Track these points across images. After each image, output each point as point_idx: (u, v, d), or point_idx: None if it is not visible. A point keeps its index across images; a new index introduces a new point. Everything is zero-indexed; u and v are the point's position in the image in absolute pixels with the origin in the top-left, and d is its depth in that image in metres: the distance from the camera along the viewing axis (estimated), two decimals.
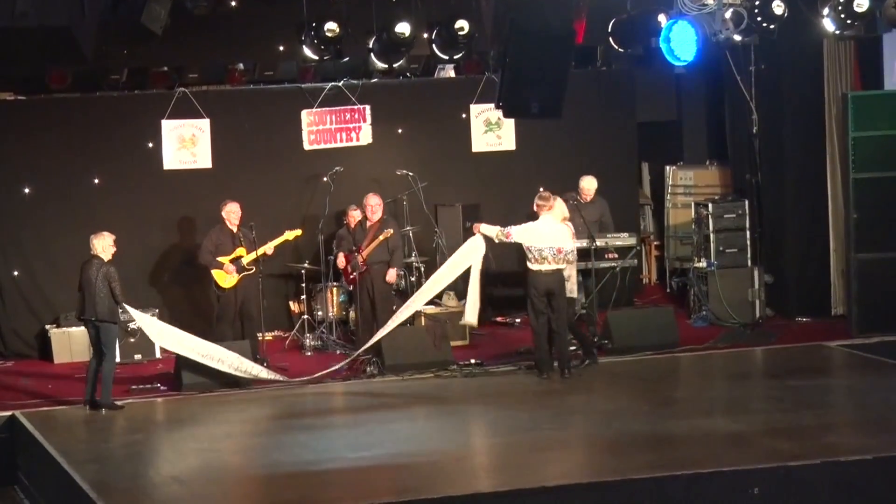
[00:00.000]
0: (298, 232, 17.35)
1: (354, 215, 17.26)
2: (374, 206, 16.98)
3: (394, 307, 17.17)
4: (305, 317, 17.64)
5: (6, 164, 17.55)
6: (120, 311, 14.91)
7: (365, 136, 18.55)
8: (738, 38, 15.51)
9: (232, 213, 16.69)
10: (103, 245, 14.81)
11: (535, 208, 15.64)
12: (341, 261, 17.07)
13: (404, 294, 17.60)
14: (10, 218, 17.36)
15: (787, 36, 16.12)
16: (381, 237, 16.78)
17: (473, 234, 15.84)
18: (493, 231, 15.65)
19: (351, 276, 17.01)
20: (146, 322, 15.41)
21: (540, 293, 15.38)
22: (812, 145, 18.29)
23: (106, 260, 14.75)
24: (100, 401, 14.72)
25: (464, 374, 15.81)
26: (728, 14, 15.10)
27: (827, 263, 18.36)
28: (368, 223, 16.96)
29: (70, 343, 16.85)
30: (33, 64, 16.16)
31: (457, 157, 18.97)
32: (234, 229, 16.68)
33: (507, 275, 18.93)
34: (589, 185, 17.65)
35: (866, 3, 15.72)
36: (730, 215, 18.54)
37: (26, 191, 17.60)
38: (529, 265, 15.47)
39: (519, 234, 15.56)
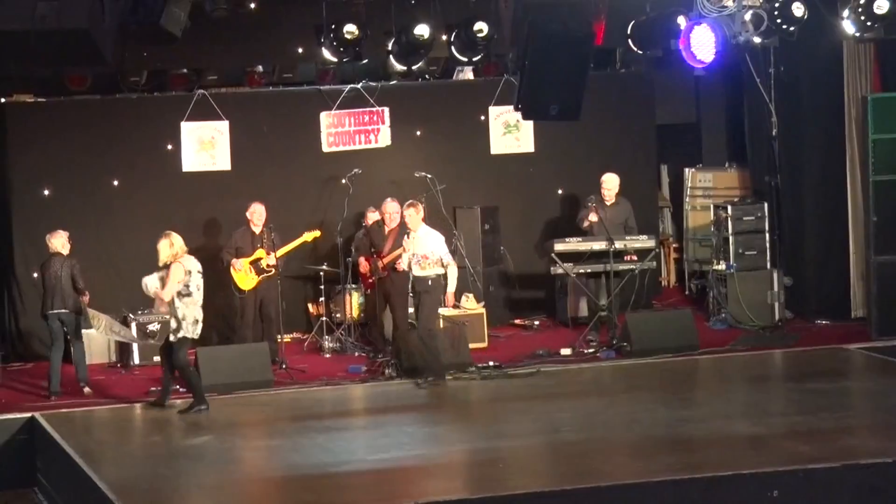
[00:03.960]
0: (317, 233, 17.37)
1: (372, 217, 17.27)
2: (393, 213, 16.98)
3: (410, 310, 17.18)
4: (324, 319, 17.66)
5: (26, 166, 17.60)
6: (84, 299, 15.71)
7: (383, 138, 18.54)
8: (757, 40, 15.50)
9: (255, 214, 16.75)
10: (62, 242, 15.72)
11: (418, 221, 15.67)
12: (364, 265, 17.06)
13: None
14: (29, 219, 17.39)
15: (806, 38, 16.08)
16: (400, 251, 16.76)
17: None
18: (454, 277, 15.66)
19: (370, 280, 17.00)
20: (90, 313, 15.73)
21: None
22: (832, 148, 18.25)
23: (66, 255, 15.64)
24: (82, 378, 15.64)
25: (482, 377, 15.79)
26: (748, 16, 15.08)
27: (846, 266, 18.31)
28: (387, 228, 16.95)
29: (90, 344, 16.86)
30: (53, 66, 16.22)
31: (475, 159, 18.97)
32: (258, 230, 16.73)
33: (526, 277, 18.94)
34: (610, 183, 17.63)
35: (886, 5, 15.68)
36: (749, 218, 18.50)
37: (46, 192, 17.65)
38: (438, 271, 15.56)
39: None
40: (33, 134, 17.62)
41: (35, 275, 16.49)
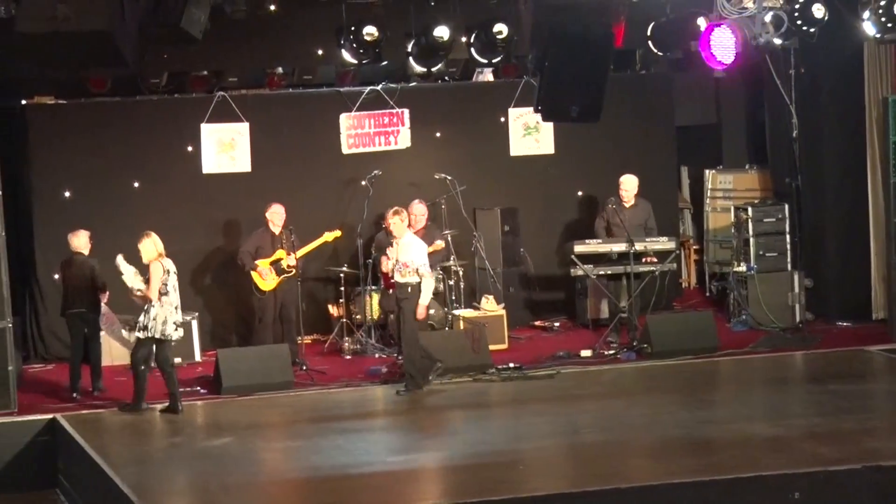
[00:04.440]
0: (337, 233, 17.40)
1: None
2: (419, 214, 16.98)
3: (431, 311, 17.21)
4: (344, 320, 17.67)
5: (47, 168, 17.65)
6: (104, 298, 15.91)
7: (403, 139, 18.56)
8: (777, 41, 15.46)
9: (275, 215, 16.79)
10: (84, 242, 15.87)
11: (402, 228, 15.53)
12: (385, 263, 17.06)
13: (443, 298, 17.63)
14: (50, 221, 17.44)
15: (827, 39, 16.04)
16: (430, 249, 16.75)
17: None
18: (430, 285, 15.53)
19: (391, 279, 16.99)
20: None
21: None
22: (852, 149, 18.21)
23: (87, 254, 15.82)
24: (97, 388, 15.72)
25: (502, 378, 15.79)
26: (768, 17, 15.03)
27: (867, 267, 18.26)
28: (412, 229, 16.95)
29: (110, 346, 16.91)
30: (74, 68, 16.26)
31: (495, 160, 18.96)
32: (277, 231, 16.76)
33: (545, 278, 18.93)
34: (629, 184, 17.63)
35: None
36: (769, 219, 18.46)
37: (67, 194, 17.70)
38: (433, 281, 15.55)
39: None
40: (54, 136, 17.67)
41: (56, 276, 16.53)
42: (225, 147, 18.05)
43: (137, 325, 14.80)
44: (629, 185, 17.65)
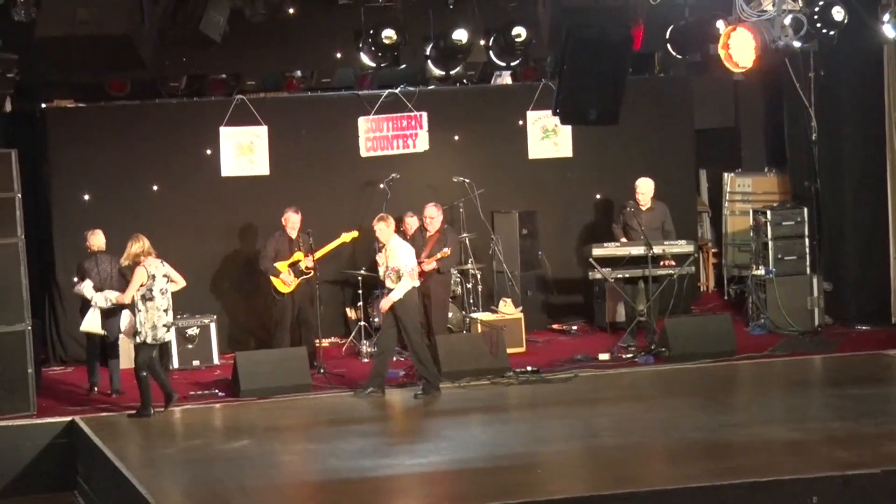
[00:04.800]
0: (355, 234, 17.43)
1: (410, 222, 17.28)
2: (432, 217, 16.99)
3: (449, 314, 17.23)
4: (362, 323, 17.69)
5: (66, 171, 17.70)
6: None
7: (421, 142, 18.57)
8: (797, 44, 15.39)
9: (290, 223, 16.81)
10: (103, 240, 15.93)
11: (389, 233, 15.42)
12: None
13: (460, 301, 17.64)
14: (69, 224, 17.49)
15: (846, 42, 15.97)
16: (438, 255, 16.76)
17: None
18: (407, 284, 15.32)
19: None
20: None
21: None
22: (872, 152, 18.17)
23: (107, 252, 15.87)
24: (115, 390, 15.77)
25: (520, 382, 15.79)
26: (787, 20, 14.97)
27: (887, 271, 18.22)
28: (427, 233, 16.96)
29: (129, 349, 16.93)
30: (93, 72, 16.34)
31: (513, 163, 18.97)
32: (293, 236, 16.80)
33: (563, 282, 18.93)
34: (645, 187, 17.62)
35: None
36: (788, 222, 18.42)
37: (86, 197, 17.76)
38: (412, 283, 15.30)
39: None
40: (74, 139, 17.73)
41: (75, 278, 16.57)
42: (243, 150, 18.09)
43: (134, 330, 14.85)
44: (645, 188, 17.63)
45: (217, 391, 15.85)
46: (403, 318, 15.17)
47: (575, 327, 18.73)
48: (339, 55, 17.76)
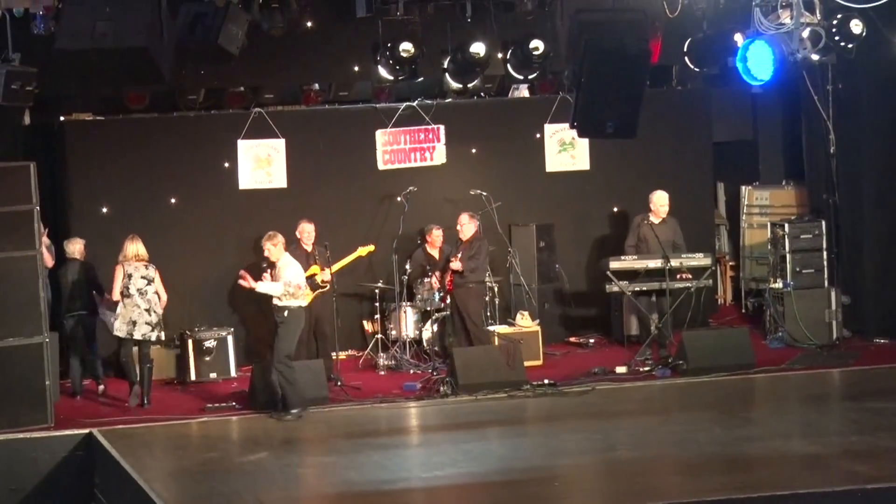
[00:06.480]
0: (371, 248, 17.45)
1: (437, 234, 17.33)
2: (462, 224, 17.19)
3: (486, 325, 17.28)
4: (379, 336, 17.70)
5: (85, 184, 17.74)
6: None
7: (439, 155, 18.59)
8: (815, 57, 15.38)
9: (305, 234, 16.85)
10: (80, 248, 16.49)
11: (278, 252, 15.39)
12: (436, 283, 17.17)
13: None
14: (87, 237, 17.43)
15: (865, 55, 15.97)
16: (452, 263, 16.82)
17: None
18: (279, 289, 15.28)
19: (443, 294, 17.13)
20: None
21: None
22: (890, 165, 18.13)
23: (81, 260, 16.43)
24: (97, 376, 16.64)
25: (537, 395, 15.78)
26: (805, 33, 14.97)
27: None
28: (460, 244, 17.11)
29: (158, 359, 16.95)
30: (112, 85, 16.38)
31: (531, 176, 18.97)
32: (309, 248, 16.82)
33: (580, 295, 18.90)
34: (660, 200, 17.57)
35: None
36: (806, 236, 18.39)
37: (104, 210, 17.78)
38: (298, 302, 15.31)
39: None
40: (92, 152, 17.77)
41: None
42: (261, 163, 18.12)
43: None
44: (662, 200, 17.58)
45: (234, 403, 15.86)
46: (281, 333, 15.12)
47: (592, 340, 18.70)
48: (356, 68, 17.80)
